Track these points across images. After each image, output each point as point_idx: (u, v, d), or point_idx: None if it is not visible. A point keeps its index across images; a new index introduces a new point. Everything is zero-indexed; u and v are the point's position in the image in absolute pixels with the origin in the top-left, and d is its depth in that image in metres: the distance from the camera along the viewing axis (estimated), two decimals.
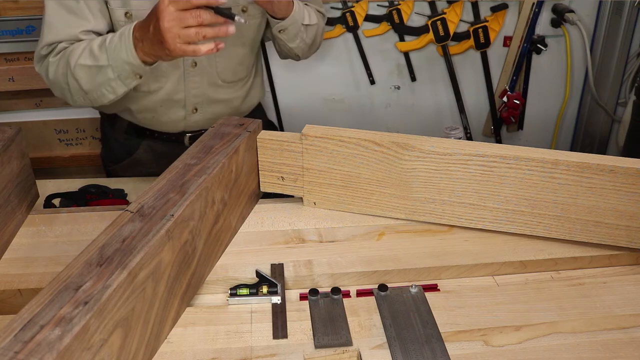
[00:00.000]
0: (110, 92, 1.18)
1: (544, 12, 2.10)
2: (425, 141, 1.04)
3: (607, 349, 0.83)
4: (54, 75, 1.21)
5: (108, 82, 1.16)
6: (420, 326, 0.87)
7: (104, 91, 1.18)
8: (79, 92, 1.20)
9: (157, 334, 0.82)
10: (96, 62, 1.13)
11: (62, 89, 1.23)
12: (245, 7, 1.34)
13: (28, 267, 0.99)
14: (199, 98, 1.39)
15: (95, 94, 1.19)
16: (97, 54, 1.14)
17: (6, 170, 1.05)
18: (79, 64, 1.15)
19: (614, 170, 0.95)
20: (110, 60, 1.12)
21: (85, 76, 1.16)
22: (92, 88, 1.18)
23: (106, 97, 1.19)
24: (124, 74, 1.14)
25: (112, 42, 1.12)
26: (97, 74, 1.15)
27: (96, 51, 1.14)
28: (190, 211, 0.89)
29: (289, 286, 0.97)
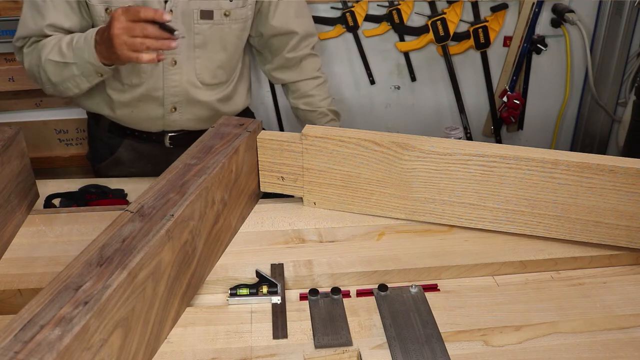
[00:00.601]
0: (75, 86, 1.29)
1: (544, 12, 2.10)
2: (425, 141, 1.04)
3: (607, 349, 0.83)
4: (29, 65, 1.32)
5: (73, 78, 1.26)
6: (420, 326, 0.87)
7: (69, 85, 1.28)
8: (48, 82, 1.30)
9: (157, 334, 0.82)
10: (63, 59, 1.24)
11: (35, 77, 1.34)
12: (228, 12, 1.34)
13: (28, 267, 0.99)
14: (177, 97, 1.40)
15: (62, 87, 1.30)
16: (64, 52, 1.24)
17: (6, 170, 1.05)
18: (48, 59, 1.26)
19: (614, 170, 0.95)
20: (75, 59, 1.23)
21: (53, 70, 1.27)
22: (59, 81, 1.28)
23: (71, 90, 1.30)
24: (86, 72, 1.24)
25: (78, 42, 1.23)
26: (64, 70, 1.25)
27: (64, 49, 1.24)
28: (190, 211, 0.89)
29: (289, 286, 0.97)
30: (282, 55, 1.51)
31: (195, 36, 1.34)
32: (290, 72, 1.55)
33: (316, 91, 1.56)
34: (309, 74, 1.55)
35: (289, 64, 1.53)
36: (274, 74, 1.58)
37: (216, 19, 1.34)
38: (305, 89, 1.56)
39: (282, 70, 1.55)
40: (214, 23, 1.34)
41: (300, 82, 1.56)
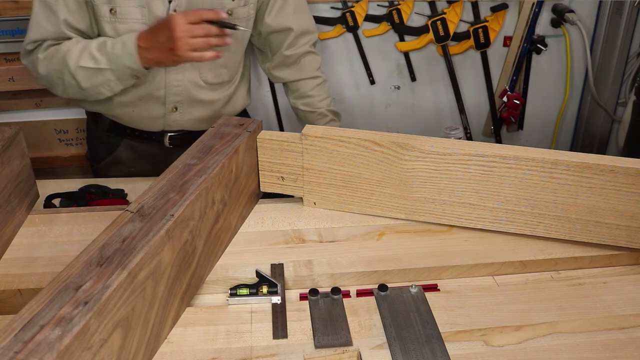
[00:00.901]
0: (108, 90, 1.29)
1: (544, 12, 2.10)
2: (425, 141, 1.04)
3: (607, 349, 0.83)
4: (47, 71, 1.30)
5: (107, 82, 1.26)
6: (420, 326, 0.87)
7: (102, 89, 1.28)
8: (75, 88, 1.29)
9: (157, 334, 0.82)
10: (97, 64, 1.24)
11: (53, 83, 1.32)
12: (230, 11, 1.34)
13: (28, 267, 0.99)
14: (179, 97, 1.40)
15: (92, 91, 1.29)
16: (97, 57, 1.23)
17: (6, 170, 1.05)
18: (80, 66, 1.24)
19: (614, 170, 0.95)
20: (111, 65, 1.23)
21: (85, 77, 1.26)
22: (90, 86, 1.28)
23: (103, 94, 1.30)
24: (123, 76, 1.25)
25: (114, 48, 1.22)
26: (97, 75, 1.25)
27: (96, 54, 1.23)
28: (190, 211, 0.89)
29: (289, 286, 0.97)
30: (281, 53, 1.52)
31: None
32: (289, 70, 1.55)
33: (315, 91, 1.56)
34: (309, 73, 1.55)
35: (288, 61, 1.53)
36: (273, 72, 1.58)
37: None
38: (304, 89, 1.56)
39: (281, 69, 1.55)
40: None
41: (299, 81, 1.56)
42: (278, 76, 1.58)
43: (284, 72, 1.56)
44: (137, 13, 1.27)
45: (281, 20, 1.46)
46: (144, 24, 1.28)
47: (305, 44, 1.52)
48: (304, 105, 1.57)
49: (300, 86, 1.56)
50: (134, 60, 1.21)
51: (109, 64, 1.23)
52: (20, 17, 1.88)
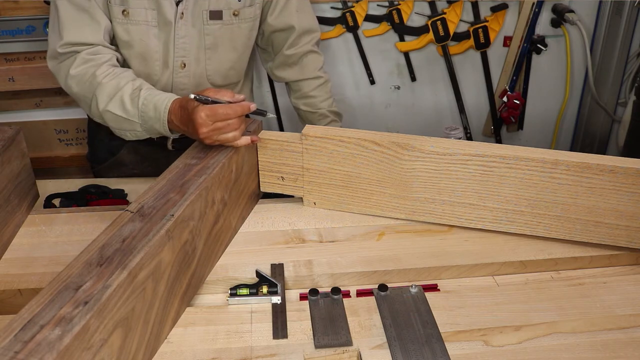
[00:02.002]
0: (134, 136, 1.23)
1: (544, 12, 2.10)
2: (425, 141, 1.04)
3: (607, 349, 0.83)
4: (77, 91, 1.23)
5: (134, 130, 1.21)
6: (420, 326, 0.87)
7: (128, 134, 1.23)
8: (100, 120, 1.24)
9: (157, 334, 0.82)
10: (127, 115, 1.18)
11: (80, 101, 1.27)
12: (237, 11, 1.34)
13: (28, 267, 0.99)
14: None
15: (117, 131, 1.24)
16: (128, 109, 1.17)
17: (6, 170, 1.05)
18: (109, 111, 1.19)
19: (614, 170, 0.95)
20: (141, 121, 1.17)
21: (113, 119, 1.21)
22: (116, 128, 1.23)
23: (128, 137, 1.24)
24: (151, 131, 1.20)
25: (145, 106, 1.15)
26: (125, 123, 1.20)
27: (128, 105, 1.17)
28: (190, 211, 0.89)
29: (289, 286, 0.97)
30: (282, 52, 1.51)
31: (206, 37, 1.33)
32: (291, 69, 1.54)
33: (317, 92, 1.56)
34: (310, 73, 1.54)
35: (290, 61, 1.53)
36: (275, 72, 1.57)
37: (225, 19, 1.34)
38: (306, 90, 1.56)
39: (283, 68, 1.55)
40: (223, 23, 1.34)
41: (301, 81, 1.55)
42: (280, 76, 1.57)
43: (286, 72, 1.56)
44: (148, 15, 1.26)
45: (283, 19, 1.46)
46: (155, 27, 1.27)
47: (307, 43, 1.52)
48: (305, 106, 1.57)
49: (302, 86, 1.56)
50: (164, 129, 1.14)
51: (139, 119, 1.17)
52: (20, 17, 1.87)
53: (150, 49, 1.29)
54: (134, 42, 1.27)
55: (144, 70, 1.32)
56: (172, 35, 1.29)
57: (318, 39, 1.56)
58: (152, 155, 1.50)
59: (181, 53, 1.32)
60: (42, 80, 1.98)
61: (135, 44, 1.27)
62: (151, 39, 1.28)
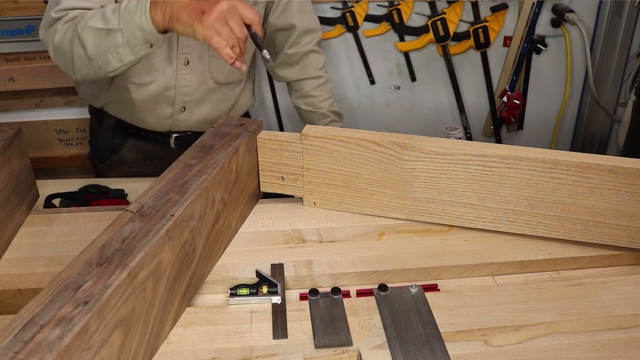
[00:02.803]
0: (117, 59, 1.12)
1: (544, 12, 2.10)
2: (425, 141, 1.04)
3: (607, 349, 0.83)
4: (60, 41, 1.16)
5: (116, 48, 1.10)
6: (420, 326, 0.87)
7: (110, 57, 1.12)
8: (83, 59, 1.15)
9: (157, 334, 0.82)
10: (106, 24, 1.08)
11: (65, 57, 1.18)
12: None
13: (28, 267, 0.99)
14: (188, 97, 1.40)
15: (100, 60, 1.14)
16: (108, 17, 1.09)
17: (6, 170, 1.05)
18: (88, 26, 1.10)
19: (614, 170, 0.95)
20: (122, 24, 1.07)
21: (92, 40, 1.11)
22: (97, 54, 1.13)
23: (111, 64, 1.13)
24: (133, 40, 1.09)
25: (127, 6, 1.07)
26: (106, 39, 1.10)
27: (108, 14, 1.09)
28: (190, 211, 0.89)
29: (289, 286, 0.97)
30: (283, 52, 1.52)
31: None
32: (292, 69, 1.55)
33: (318, 91, 1.56)
34: (311, 73, 1.55)
35: (291, 60, 1.53)
36: (277, 71, 1.58)
37: None
38: (306, 89, 1.56)
39: (284, 68, 1.55)
40: None
41: (302, 81, 1.56)
42: (281, 75, 1.58)
43: (287, 71, 1.56)
44: None
45: (285, 18, 1.47)
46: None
47: (309, 43, 1.52)
48: (305, 105, 1.57)
49: (302, 85, 1.56)
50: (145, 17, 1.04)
51: (119, 23, 1.06)
52: (20, 17, 1.88)
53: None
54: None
55: (147, 66, 1.32)
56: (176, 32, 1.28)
57: (319, 38, 1.56)
58: (154, 153, 1.50)
59: (185, 50, 1.32)
60: (42, 80, 1.98)
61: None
62: None
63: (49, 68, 1.95)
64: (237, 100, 1.51)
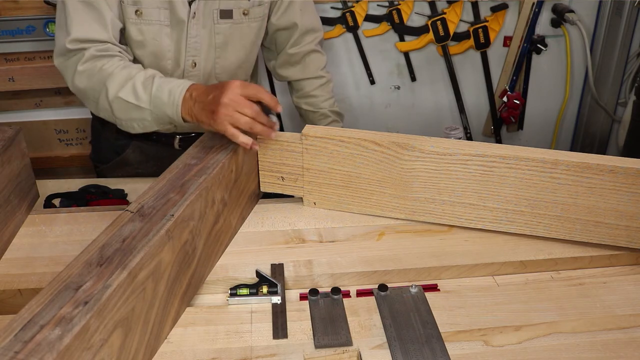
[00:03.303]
0: (141, 127, 1.20)
1: (544, 12, 2.10)
2: (425, 141, 1.04)
3: (607, 349, 0.83)
4: (84, 86, 1.21)
5: (142, 120, 1.17)
6: (420, 326, 0.87)
7: (135, 125, 1.19)
8: (107, 112, 1.21)
9: (157, 334, 0.82)
10: (137, 102, 1.14)
11: (87, 99, 1.23)
12: (246, 10, 1.35)
13: (28, 267, 0.99)
14: None
15: (124, 122, 1.20)
16: (140, 95, 1.14)
17: (6, 170, 1.05)
18: (119, 97, 1.15)
19: (614, 170, 0.95)
20: (152, 107, 1.13)
21: (122, 108, 1.17)
22: (124, 118, 1.19)
23: (135, 129, 1.21)
24: (160, 120, 1.16)
25: (159, 91, 1.13)
26: (134, 111, 1.16)
27: (140, 91, 1.14)
28: (190, 211, 0.89)
29: (289, 286, 0.97)
30: (285, 51, 1.52)
31: (216, 36, 1.34)
32: (293, 68, 1.55)
33: (319, 91, 1.56)
34: (313, 73, 1.55)
35: (293, 60, 1.53)
36: (278, 70, 1.58)
37: (235, 18, 1.34)
38: (308, 89, 1.56)
39: (286, 67, 1.55)
40: (233, 22, 1.34)
41: (303, 80, 1.56)
42: (283, 75, 1.58)
43: (289, 71, 1.56)
44: (161, 15, 1.26)
45: (287, 17, 1.47)
46: (167, 26, 1.27)
47: (310, 43, 1.52)
48: (306, 105, 1.57)
49: (303, 85, 1.56)
50: (176, 113, 1.11)
51: (150, 105, 1.13)
52: (20, 17, 1.87)
53: (163, 49, 1.29)
54: (147, 41, 1.27)
55: (156, 69, 1.31)
56: (185, 35, 1.29)
57: (321, 38, 1.56)
58: (158, 154, 1.50)
59: (192, 52, 1.32)
60: (42, 80, 1.98)
61: (149, 43, 1.27)
62: (164, 39, 1.28)
63: (49, 68, 1.95)
64: None
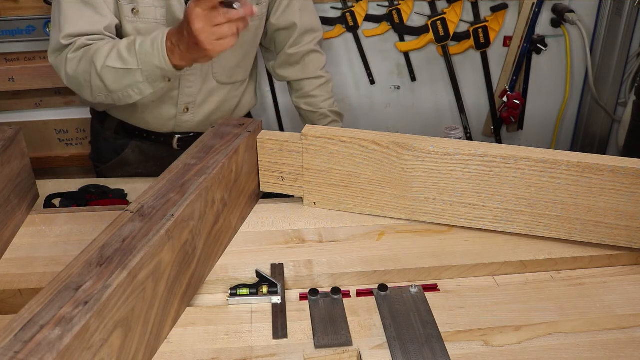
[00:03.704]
0: (137, 93, 1.19)
1: (544, 12, 2.10)
2: (425, 141, 1.04)
3: (607, 349, 0.83)
4: (74, 72, 1.21)
5: (136, 84, 1.16)
6: (420, 326, 0.87)
7: (131, 92, 1.19)
8: (102, 90, 1.20)
9: (157, 334, 0.82)
10: (125, 65, 1.14)
11: (81, 85, 1.23)
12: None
13: (28, 267, 0.99)
14: (191, 97, 1.40)
15: (120, 94, 1.20)
16: (126, 57, 1.14)
17: (6, 170, 1.05)
18: (107, 66, 1.15)
19: (614, 170, 0.95)
20: (141, 65, 1.13)
21: (112, 78, 1.16)
22: (118, 89, 1.19)
23: (132, 97, 1.20)
24: (152, 77, 1.15)
25: (142, 47, 1.12)
26: (125, 77, 1.16)
27: (125, 54, 1.14)
28: (190, 211, 0.89)
29: (289, 286, 0.97)
30: (284, 51, 1.52)
31: None
32: (293, 69, 1.55)
33: (318, 92, 1.56)
34: (312, 73, 1.55)
35: (292, 60, 1.53)
36: (278, 70, 1.58)
37: None
38: (307, 89, 1.56)
39: (285, 67, 1.55)
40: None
41: (303, 80, 1.56)
42: (282, 75, 1.58)
43: (288, 71, 1.56)
44: (157, 13, 1.26)
45: (286, 17, 1.47)
46: (164, 25, 1.27)
47: (310, 43, 1.52)
48: (306, 105, 1.57)
49: (303, 85, 1.56)
50: (164, 60, 1.10)
51: (137, 64, 1.13)
52: (20, 17, 1.88)
53: None
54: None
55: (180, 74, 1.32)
56: None
57: (320, 38, 1.56)
58: (157, 154, 1.50)
59: None
60: (42, 80, 1.98)
61: None
62: None
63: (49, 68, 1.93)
64: (240, 100, 1.51)
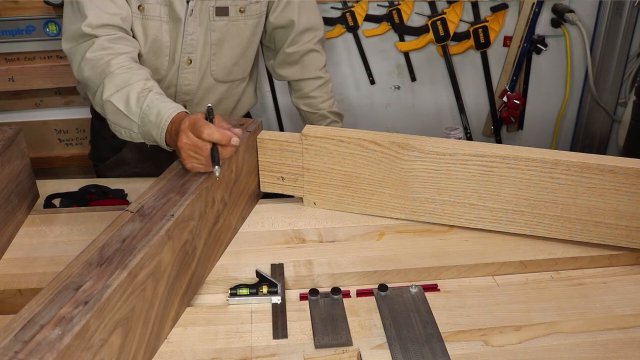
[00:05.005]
0: (127, 136, 1.16)
1: (544, 12, 2.10)
2: (425, 141, 1.04)
3: (607, 349, 0.83)
4: (88, 75, 1.18)
5: (129, 130, 1.14)
6: (420, 326, 0.87)
7: (122, 132, 1.17)
8: (100, 110, 1.18)
9: (157, 334, 0.82)
10: (127, 112, 1.12)
11: (88, 87, 1.21)
12: (243, 8, 1.35)
13: (28, 267, 0.99)
14: (189, 95, 1.40)
15: (113, 125, 1.18)
16: (131, 106, 1.11)
17: (6, 170, 1.05)
18: (111, 102, 1.13)
19: (614, 170, 0.95)
20: (140, 123, 1.10)
21: (112, 111, 1.15)
22: (113, 121, 1.17)
23: (121, 135, 1.17)
24: (146, 136, 1.13)
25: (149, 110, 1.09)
26: (123, 119, 1.14)
27: (132, 102, 1.11)
28: (190, 211, 0.89)
29: (289, 286, 0.97)
30: (283, 50, 1.51)
31: (212, 33, 1.34)
32: (292, 68, 1.54)
33: (317, 92, 1.56)
34: (311, 73, 1.54)
35: (290, 59, 1.53)
36: (277, 70, 1.57)
37: (231, 16, 1.34)
38: (306, 90, 1.56)
39: (284, 67, 1.55)
40: (229, 20, 1.34)
41: (302, 81, 1.55)
42: (281, 74, 1.57)
43: (287, 71, 1.55)
44: (161, 11, 1.26)
45: (285, 15, 1.46)
46: (167, 22, 1.28)
47: (309, 42, 1.51)
48: (305, 106, 1.57)
49: (302, 86, 1.56)
50: (160, 136, 1.07)
51: (139, 120, 1.10)
52: (20, 17, 1.88)
53: (162, 44, 1.30)
54: (148, 36, 1.28)
55: (153, 64, 1.32)
56: (182, 32, 1.29)
57: (321, 37, 1.55)
58: (155, 154, 1.49)
59: (188, 49, 1.33)
60: (42, 80, 1.98)
61: (150, 38, 1.28)
62: (163, 35, 1.29)
63: (49, 68, 1.95)
64: (239, 99, 1.51)
